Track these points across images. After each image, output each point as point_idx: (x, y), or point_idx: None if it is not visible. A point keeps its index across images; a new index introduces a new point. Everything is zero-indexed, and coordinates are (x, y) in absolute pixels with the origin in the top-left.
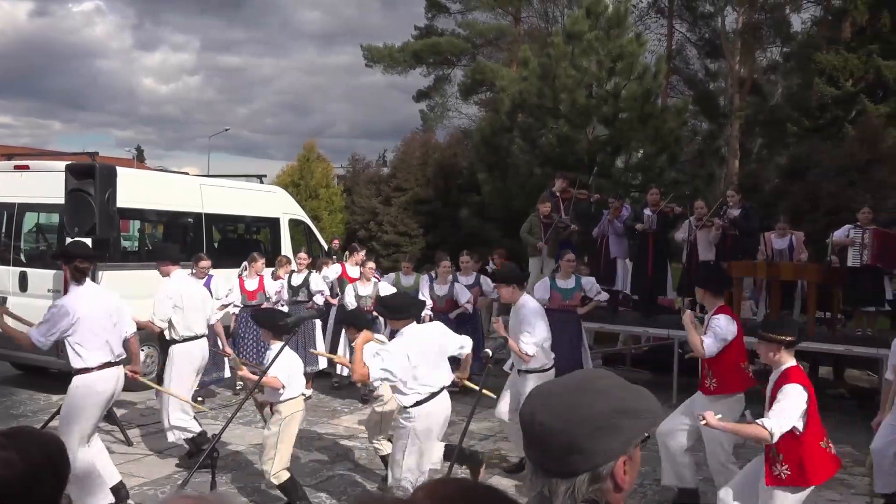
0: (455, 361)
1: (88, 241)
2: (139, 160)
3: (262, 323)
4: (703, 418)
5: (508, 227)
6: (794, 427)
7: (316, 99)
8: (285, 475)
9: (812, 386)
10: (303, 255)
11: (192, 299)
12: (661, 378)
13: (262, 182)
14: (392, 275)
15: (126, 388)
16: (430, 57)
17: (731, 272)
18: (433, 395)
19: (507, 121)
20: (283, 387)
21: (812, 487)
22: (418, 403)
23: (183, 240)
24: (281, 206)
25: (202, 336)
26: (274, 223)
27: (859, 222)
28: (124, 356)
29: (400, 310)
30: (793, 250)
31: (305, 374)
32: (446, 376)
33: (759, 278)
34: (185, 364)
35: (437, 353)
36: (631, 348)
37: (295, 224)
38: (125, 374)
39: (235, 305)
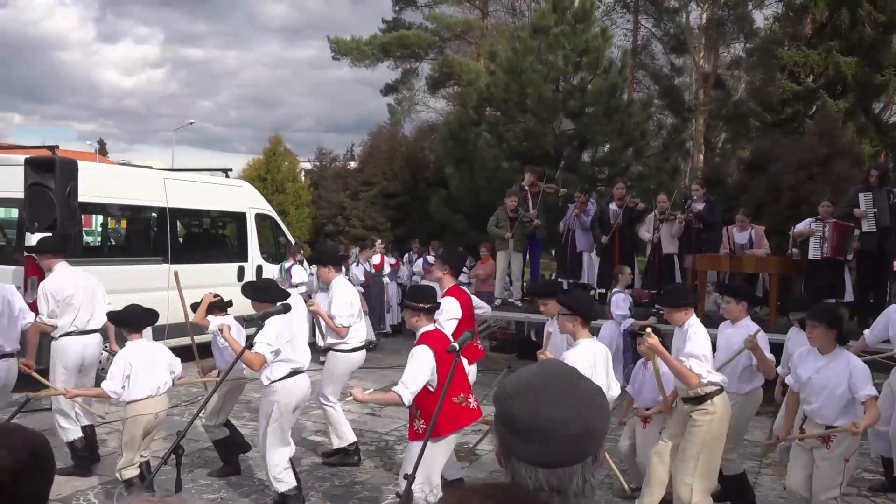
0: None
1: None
2: (102, 154)
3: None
4: (352, 395)
5: (476, 221)
6: (427, 384)
7: (282, 92)
8: (129, 473)
9: (446, 344)
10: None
11: (84, 292)
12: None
13: (227, 176)
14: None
15: None
16: (398, 50)
17: (695, 266)
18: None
19: (475, 115)
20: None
21: (452, 436)
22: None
23: (147, 234)
24: (247, 200)
25: (90, 332)
26: (240, 218)
27: (820, 215)
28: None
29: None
30: (753, 244)
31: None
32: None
33: (723, 272)
34: (67, 360)
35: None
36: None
37: (262, 219)
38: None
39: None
